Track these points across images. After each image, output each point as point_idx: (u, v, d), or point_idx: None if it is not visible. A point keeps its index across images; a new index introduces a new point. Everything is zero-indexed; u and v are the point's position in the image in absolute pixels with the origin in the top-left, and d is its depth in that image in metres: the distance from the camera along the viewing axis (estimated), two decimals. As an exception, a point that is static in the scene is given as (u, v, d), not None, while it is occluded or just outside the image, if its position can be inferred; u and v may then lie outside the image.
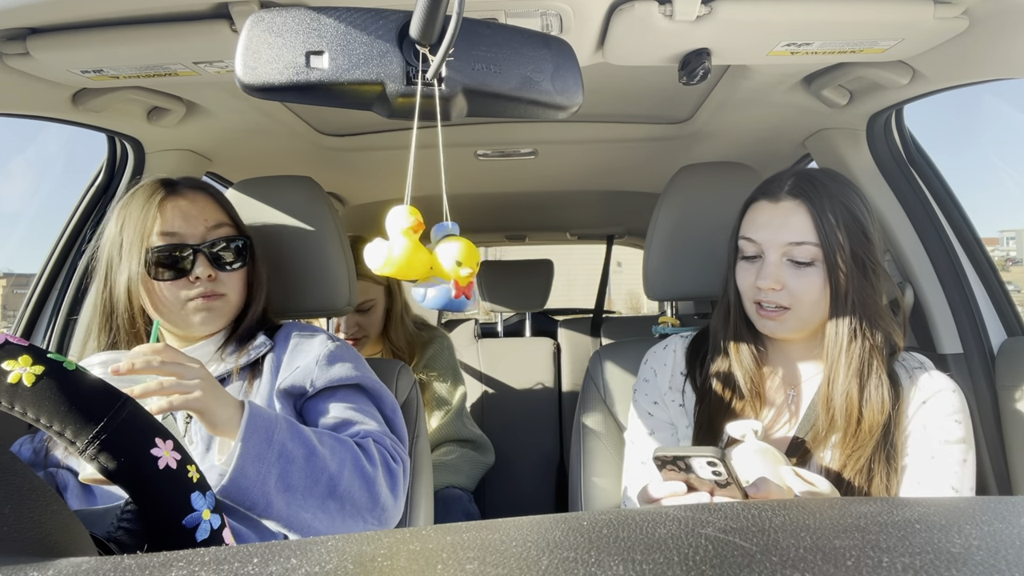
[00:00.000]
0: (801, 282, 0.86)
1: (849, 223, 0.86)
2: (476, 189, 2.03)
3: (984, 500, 0.36)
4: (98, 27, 0.83)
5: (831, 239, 0.85)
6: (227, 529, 0.44)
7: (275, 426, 0.78)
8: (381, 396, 0.98)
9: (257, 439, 0.76)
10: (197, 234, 0.95)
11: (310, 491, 0.78)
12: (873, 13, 0.83)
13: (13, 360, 0.41)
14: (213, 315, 0.96)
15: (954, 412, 0.87)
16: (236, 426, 0.76)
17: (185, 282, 0.94)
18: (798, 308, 0.87)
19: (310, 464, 0.79)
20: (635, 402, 1.06)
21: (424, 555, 0.29)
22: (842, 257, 0.85)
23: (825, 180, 0.90)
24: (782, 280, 0.87)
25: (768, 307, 0.89)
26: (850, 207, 0.87)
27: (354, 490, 0.82)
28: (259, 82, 0.49)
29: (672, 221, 1.19)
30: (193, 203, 0.97)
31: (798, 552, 0.28)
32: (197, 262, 0.94)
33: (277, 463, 0.76)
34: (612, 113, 1.48)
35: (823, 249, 0.85)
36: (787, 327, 0.89)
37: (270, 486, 0.75)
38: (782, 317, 0.88)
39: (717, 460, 0.69)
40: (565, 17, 0.83)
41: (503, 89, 0.53)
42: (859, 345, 0.86)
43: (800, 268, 0.87)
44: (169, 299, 0.94)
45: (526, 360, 2.36)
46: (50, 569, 0.28)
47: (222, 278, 0.97)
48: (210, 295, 0.95)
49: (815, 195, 0.87)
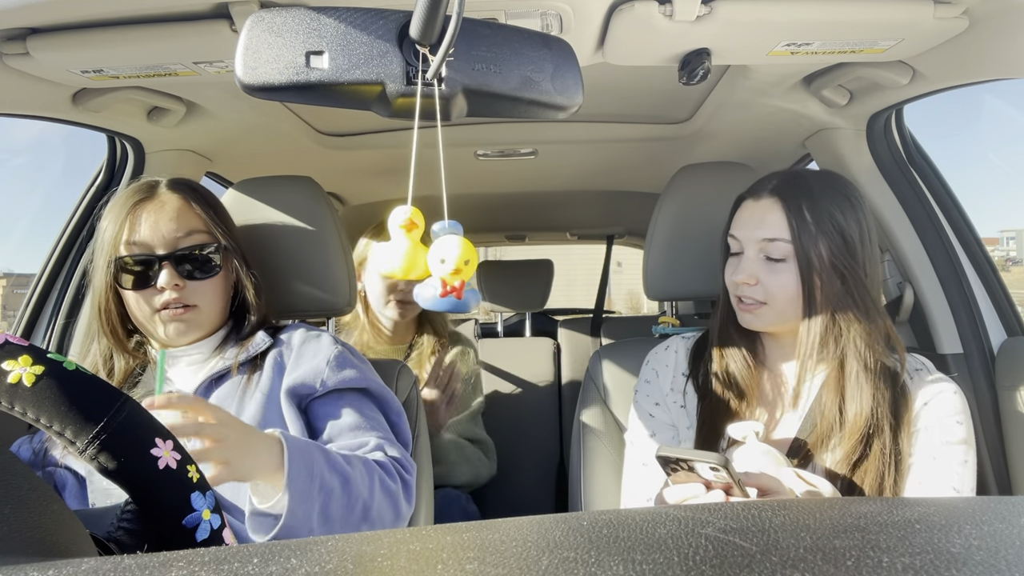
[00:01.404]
0: (775, 278, 0.88)
1: (827, 226, 0.86)
2: (476, 189, 2.03)
3: (984, 500, 0.36)
4: (98, 27, 0.83)
5: (803, 238, 0.86)
6: (227, 529, 0.44)
7: (313, 458, 0.77)
8: (387, 401, 0.99)
9: (301, 478, 0.74)
10: (167, 242, 0.93)
11: (346, 519, 0.78)
12: (873, 13, 0.83)
13: (13, 360, 0.41)
14: (187, 326, 0.94)
15: (955, 413, 0.87)
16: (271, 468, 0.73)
17: (153, 291, 0.92)
18: (773, 303, 0.89)
19: (346, 493, 0.78)
20: (636, 403, 1.06)
21: (424, 555, 0.29)
22: (817, 258, 0.85)
23: (811, 181, 0.90)
24: (756, 275, 0.89)
25: (747, 301, 0.91)
26: (832, 211, 0.86)
27: (383, 511, 0.82)
28: (259, 82, 0.49)
29: (672, 221, 1.19)
30: (164, 210, 0.94)
31: (798, 552, 0.28)
32: (162, 272, 0.92)
33: (319, 496, 0.75)
34: (612, 113, 1.48)
35: (794, 247, 0.86)
36: (764, 320, 0.91)
37: (313, 520, 0.74)
38: (759, 311, 0.91)
39: (720, 466, 0.68)
40: (565, 17, 0.83)
41: (503, 89, 0.53)
42: (831, 349, 0.86)
43: (775, 264, 0.88)
44: (137, 309, 0.94)
45: (526, 360, 2.36)
46: (50, 569, 0.28)
47: (192, 288, 0.94)
48: (180, 306, 0.93)
49: (793, 194, 0.88)
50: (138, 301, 0.93)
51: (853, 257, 0.86)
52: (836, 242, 0.86)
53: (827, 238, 0.85)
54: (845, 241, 0.86)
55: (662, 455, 0.73)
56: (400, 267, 0.50)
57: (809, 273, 0.86)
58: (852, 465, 0.85)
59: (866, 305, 0.87)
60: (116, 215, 0.94)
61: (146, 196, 0.96)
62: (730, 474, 0.69)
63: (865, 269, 0.87)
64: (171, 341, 0.96)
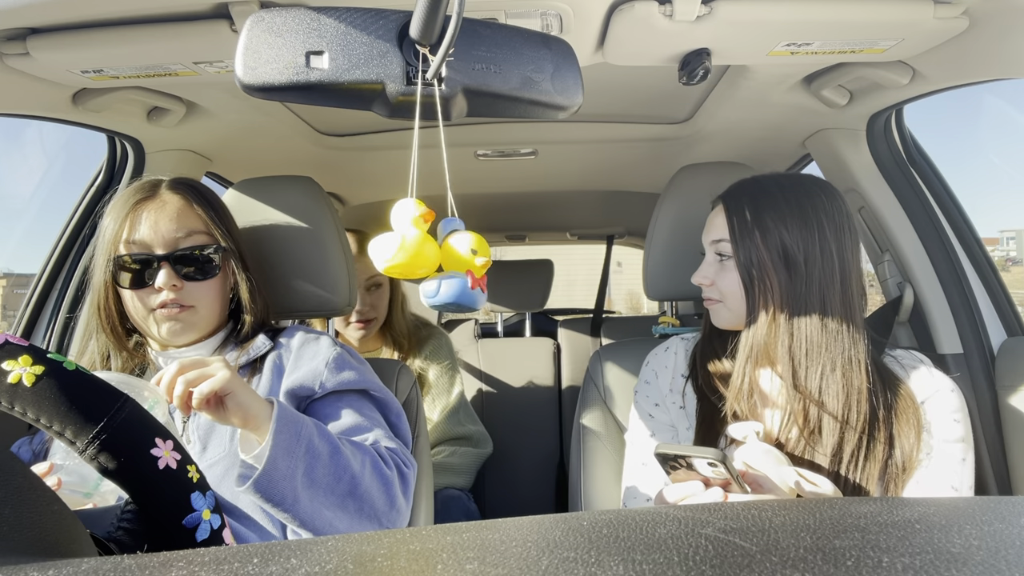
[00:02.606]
0: (723, 277, 0.94)
1: (767, 227, 0.88)
2: (476, 189, 2.03)
3: (984, 500, 0.36)
4: (98, 27, 0.83)
5: (741, 236, 0.90)
6: (227, 529, 0.44)
7: (302, 422, 0.79)
8: (387, 402, 0.99)
9: (287, 433, 0.76)
10: (166, 242, 0.93)
11: (332, 489, 0.79)
12: (873, 13, 0.83)
13: (13, 360, 0.41)
14: (182, 326, 0.95)
15: (953, 411, 0.87)
16: (265, 419, 0.76)
17: (150, 291, 0.93)
18: (727, 301, 0.94)
19: (334, 461, 0.80)
20: (636, 403, 1.06)
21: (424, 555, 0.29)
22: (754, 254, 0.89)
23: (758, 187, 0.92)
24: (710, 276, 0.96)
25: (707, 300, 0.98)
26: (773, 214, 0.88)
27: (373, 491, 0.83)
28: (259, 82, 0.49)
29: (672, 221, 1.19)
30: (165, 210, 0.95)
31: (798, 552, 0.28)
32: (160, 271, 0.92)
33: (304, 457, 0.77)
34: (612, 113, 1.48)
35: (732, 246, 0.91)
36: (720, 318, 0.97)
37: (297, 480, 0.76)
38: (715, 307, 0.98)
39: (718, 461, 0.69)
40: (565, 17, 0.83)
41: (503, 89, 0.53)
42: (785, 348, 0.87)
43: (725, 263, 0.94)
44: (134, 308, 0.94)
45: (526, 360, 2.36)
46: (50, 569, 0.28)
47: (189, 288, 0.94)
48: (176, 306, 0.93)
49: (736, 198, 0.93)
50: (135, 300, 0.94)
51: (795, 256, 0.87)
52: (774, 241, 0.88)
53: (766, 238, 0.88)
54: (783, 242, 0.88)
55: (661, 452, 0.73)
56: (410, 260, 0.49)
57: (747, 273, 0.90)
58: (846, 464, 0.85)
59: (825, 303, 0.87)
60: (117, 214, 0.95)
61: (147, 195, 0.96)
62: (728, 470, 0.69)
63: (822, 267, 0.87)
64: (167, 341, 0.96)
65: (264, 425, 0.76)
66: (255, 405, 0.76)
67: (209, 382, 0.73)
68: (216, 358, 0.77)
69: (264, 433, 0.76)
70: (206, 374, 0.74)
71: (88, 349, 0.99)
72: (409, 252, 0.49)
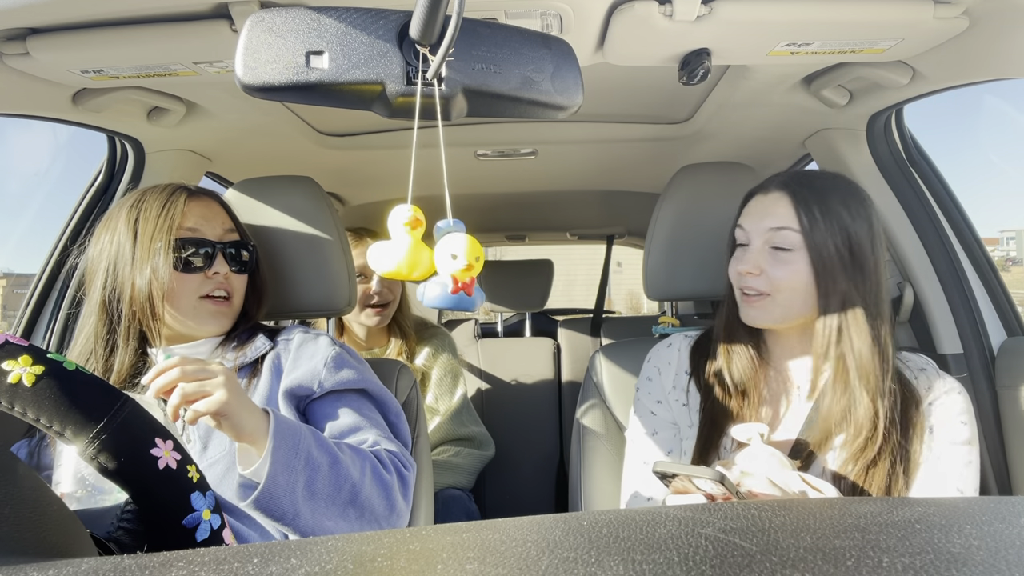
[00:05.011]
0: (781, 269, 0.87)
1: (835, 223, 0.86)
2: (476, 189, 2.03)
3: (984, 500, 0.36)
4: (98, 27, 0.83)
5: (812, 227, 0.86)
6: (227, 529, 0.44)
7: (300, 434, 0.78)
8: (385, 402, 0.99)
9: (285, 447, 0.75)
10: (216, 234, 0.98)
11: (333, 499, 0.78)
12: (873, 13, 0.83)
13: (13, 360, 0.41)
14: (220, 317, 0.98)
15: (960, 414, 0.86)
16: (262, 434, 0.75)
17: (202, 277, 0.96)
18: (777, 295, 0.88)
19: (334, 471, 0.79)
20: (637, 401, 1.06)
21: (424, 555, 0.29)
22: (827, 252, 0.85)
23: (819, 180, 0.90)
24: (761, 265, 0.89)
25: (750, 293, 0.90)
26: (839, 209, 0.87)
27: (373, 498, 0.82)
28: (259, 82, 0.49)
29: (672, 221, 1.19)
30: (209, 207, 1.00)
31: (798, 552, 0.28)
32: (216, 259, 0.97)
33: (304, 470, 0.76)
34: (612, 113, 1.48)
35: (803, 235, 0.86)
36: (768, 315, 0.90)
37: (298, 494, 0.75)
38: (762, 304, 0.90)
39: (716, 481, 0.69)
40: (565, 17, 0.83)
41: (503, 89, 0.53)
42: (839, 347, 0.86)
43: (781, 254, 0.88)
44: (183, 293, 0.95)
45: (526, 360, 2.36)
46: (50, 569, 0.28)
47: (232, 279, 0.99)
48: (221, 295, 0.97)
49: (800, 187, 0.89)
50: (188, 284, 0.95)
51: (862, 255, 0.86)
52: (843, 239, 0.86)
53: (835, 234, 0.86)
54: (850, 238, 0.86)
55: (659, 471, 0.73)
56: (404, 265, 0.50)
57: (822, 266, 0.86)
58: (859, 466, 0.85)
59: (874, 304, 0.87)
60: (161, 205, 0.95)
61: (188, 193, 0.99)
62: (728, 488, 0.69)
63: (875, 269, 0.87)
64: (200, 329, 0.97)
65: (261, 440, 0.75)
66: (250, 423, 0.74)
67: (205, 403, 0.71)
68: (219, 367, 0.76)
69: (262, 447, 0.74)
70: (205, 391, 0.72)
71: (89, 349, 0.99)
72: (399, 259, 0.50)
